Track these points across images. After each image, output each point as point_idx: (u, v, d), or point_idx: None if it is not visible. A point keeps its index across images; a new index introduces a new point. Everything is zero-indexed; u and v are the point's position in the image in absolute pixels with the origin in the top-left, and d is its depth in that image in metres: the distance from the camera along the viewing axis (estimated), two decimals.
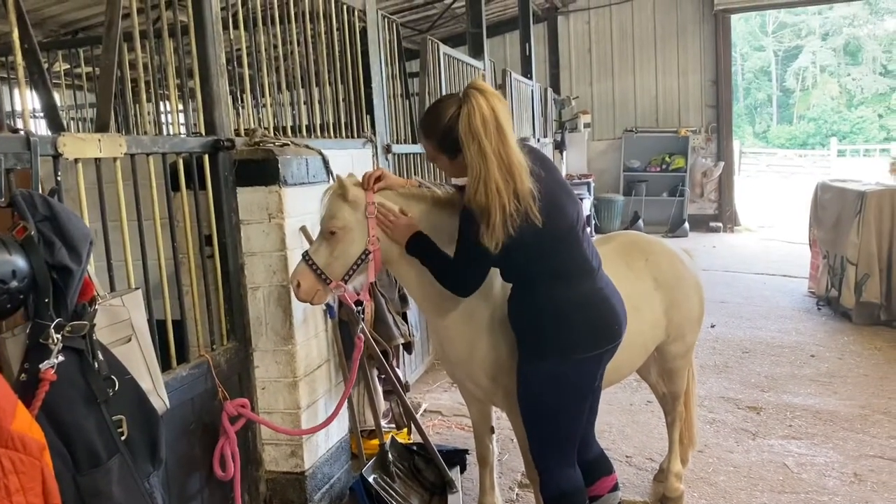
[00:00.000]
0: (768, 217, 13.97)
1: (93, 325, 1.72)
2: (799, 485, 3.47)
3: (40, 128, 5.92)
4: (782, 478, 3.54)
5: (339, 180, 2.43)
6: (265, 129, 3.24)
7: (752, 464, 3.70)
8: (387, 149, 4.43)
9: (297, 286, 2.46)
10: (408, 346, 3.94)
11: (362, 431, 3.60)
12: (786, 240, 11.19)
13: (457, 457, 3.61)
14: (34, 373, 1.57)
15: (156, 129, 3.32)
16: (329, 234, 2.42)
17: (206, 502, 2.71)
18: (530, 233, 2.15)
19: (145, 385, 1.92)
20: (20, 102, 2.15)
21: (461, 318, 2.49)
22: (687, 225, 12.31)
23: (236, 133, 3.09)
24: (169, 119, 6.48)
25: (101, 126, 2.35)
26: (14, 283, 1.55)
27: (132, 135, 2.51)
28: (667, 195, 12.70)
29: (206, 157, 2.79)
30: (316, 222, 2.58)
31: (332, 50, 3.88)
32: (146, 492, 1.77)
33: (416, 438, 3.63)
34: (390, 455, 3.33)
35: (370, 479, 3.11)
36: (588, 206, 10.84)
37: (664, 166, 12.70)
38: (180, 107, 3.31)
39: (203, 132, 2.82)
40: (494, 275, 2.39)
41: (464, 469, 3.62)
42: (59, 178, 1.97)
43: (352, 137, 4.00)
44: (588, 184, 11.47)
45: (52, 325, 1.60)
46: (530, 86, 9.69)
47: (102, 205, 2.24)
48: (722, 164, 12.53)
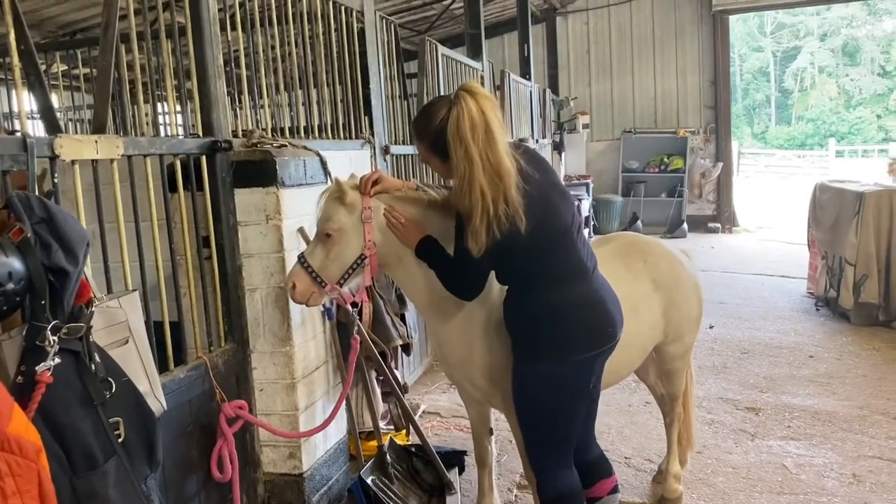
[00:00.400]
0: (767, 218, 13.95)
1: (89, 327, 1.72)
2: (797, 486, 3.47)
3: (38, 129, 5.91)
4: (781, 479, 3.54)
5: (336, 183, 2.43)
6: (263, 130, 3.24)
7: (750, 465, 3.70)
8: (385, 150, 4.43)
9: (292, 288, 2.47)
10: (406, 348, 3.94)
11: (361, 433, 3.60)
12: (784, 240, 11.18)
13: (455, 458, 3.60)
14: (30, 375, 1.57)
15: (153, 131, 3.31)
16: (325, 237, 2.42)
17: None
18: (522, 236, 2.14)
19: (142, 387, 1.92)
20: (17, 104, 2.14)
21: (460, 321, 2.49)
22: (685, 226, 12.31)
23: (234, 134, 3.09)
24: (167, 120, 6.48)
25: (98, 127, 2.35)
26: (10, 286, 1.55)
27: (129, 136, 2.51)
28: (665, 196, 12.70)
29: (203, 159, 2.78)
30: (314, 223, 2.58)
31: (330, 51, 3.88)
32: (143, 494, 1.77)
33: (415, 440, 3.63)
34: (389, 456, 3.33)
35: (368, 480, 3.11)
36: (587, 206, 10.84)
37: (663, 167, 12.71)
38: (178, 108, 3.31)
39: (200, 133, 2.82)
40: (493, 277, 2.38)
41: (462, 470, 3.62)
42: (55, 180, 1.97)
43: (350, 138, 4.00)
44: (587, 184, 11.47)
45: (49, 328, 1.60)
46: (529, 87, 9.68)
47: (100, 206, 2.24)
48: (720, 164, 12.54)
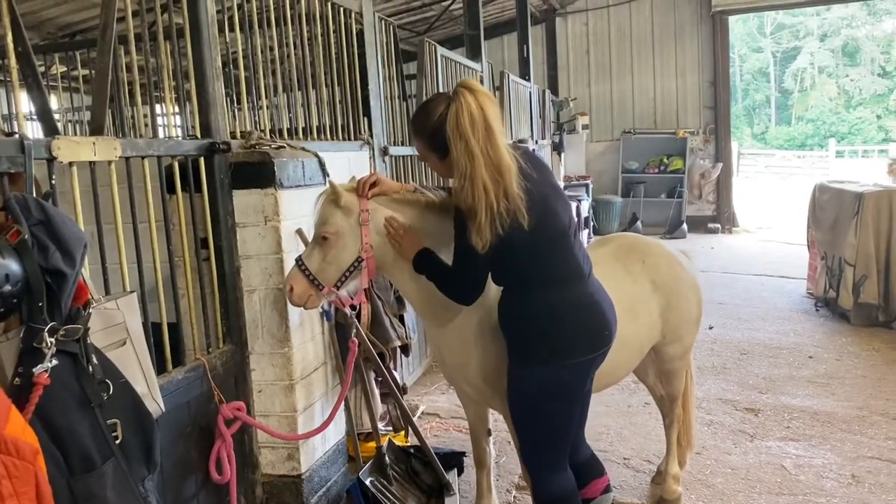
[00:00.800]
0: (766, 218, 13.95)
1: (87, 329, 1.72)
2: (797, 486, 3.46)
3: (36, 131, 5.91)
4: (780, 479, 3.54)
5: (331, 186, 2.43)
6: (261, 131, 3.24)
7: (749, 465, 3.70)
8: (384, 151, 4.43)
9: (289, 291, 2.47)
10: (405, 349, 3.94)
11: (359, 434, 3.60)
12: (784, 241, 11.18)
13: (454, 459, 3.60)
14: (28, 377, 1.57)
15: (152, 132, 3.31)
16: (322, 240, 2.42)
17: None
18: (524, 232, 2.14)
19: (140, 389, 1.92)
20: (14, 105, 2.14)
21: (458, 323, 2.49)
22: (685, 226, 12.32)
23: (232, 136, 3.08)
24: (165, 122, 6.48)
25: (95, 129, 2.35)
26: (7, 288, 1.55)
27: (127, 138, 2.51)
28: (665, 196, 12.71)
29: (201, 160, 2.78)
30: (312, 225, 2.58)
31: (329, 52, 3.88)
32: (141, 496, 1.77)
33: (414, 441, 3.62)
34: (387, 458, 3.33)
35: (367, 481, 3.11)
36: (586, 207, 10.84)
37: (662, 168, 12.72)
38: (176, 109, 3.31)
39: (199, 135, 2.82)
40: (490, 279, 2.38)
41: (461, 472, 3.62)
42: (53, 182, 1.97)
43: (348, 140, 4.00)
44: (586, 185, 11.46)
45: (46, 329, 1.60)
46: (528, 87, 9.68)
47: (97, 208, 2.24)
48: (720, 165, 12.54)
